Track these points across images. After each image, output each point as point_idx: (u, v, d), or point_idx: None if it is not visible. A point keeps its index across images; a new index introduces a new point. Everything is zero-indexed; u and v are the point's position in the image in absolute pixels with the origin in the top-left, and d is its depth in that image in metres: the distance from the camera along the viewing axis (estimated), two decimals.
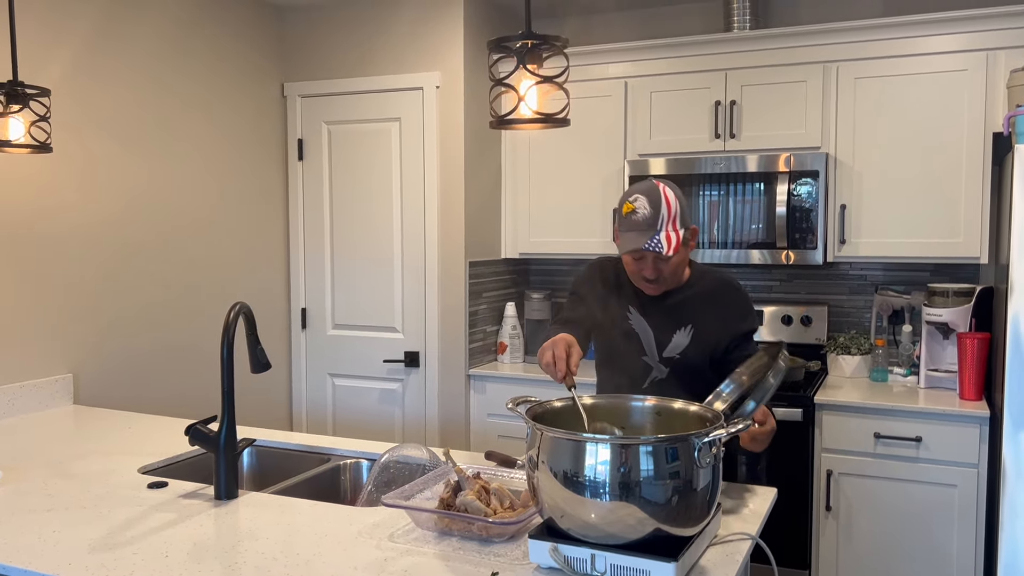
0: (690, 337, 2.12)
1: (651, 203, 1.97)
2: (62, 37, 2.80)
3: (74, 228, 2.87)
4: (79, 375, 2.89)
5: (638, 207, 1.97)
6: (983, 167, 2.99)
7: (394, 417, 3.72)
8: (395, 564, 1.49)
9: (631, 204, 1.99)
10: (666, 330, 2.13)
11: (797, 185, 3.17)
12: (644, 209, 1.97)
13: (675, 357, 2.12)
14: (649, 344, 2.14)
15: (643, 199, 1.98)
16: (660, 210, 1.96)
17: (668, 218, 1.96)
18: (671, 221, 1.97)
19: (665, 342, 2.13)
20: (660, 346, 2.13)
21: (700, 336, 2.12)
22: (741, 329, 2.15)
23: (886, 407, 2.91)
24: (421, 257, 3.61)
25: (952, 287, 3.06)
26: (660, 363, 2.14)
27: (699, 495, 1.40)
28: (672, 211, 1.97)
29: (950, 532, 2.87)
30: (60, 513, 1.75)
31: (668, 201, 1.97)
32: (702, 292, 2.15)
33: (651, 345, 2.14)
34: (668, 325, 2.13)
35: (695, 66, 3.36)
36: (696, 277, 2.17)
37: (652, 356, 2.15)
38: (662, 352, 2.13)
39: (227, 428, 1.86)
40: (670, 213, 1.97)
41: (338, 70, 3.70)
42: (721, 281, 2.18)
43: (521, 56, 1.49)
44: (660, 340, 2.13)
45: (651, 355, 2.15)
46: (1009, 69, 2.90)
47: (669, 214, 1.96)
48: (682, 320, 2.13)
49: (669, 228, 1.96)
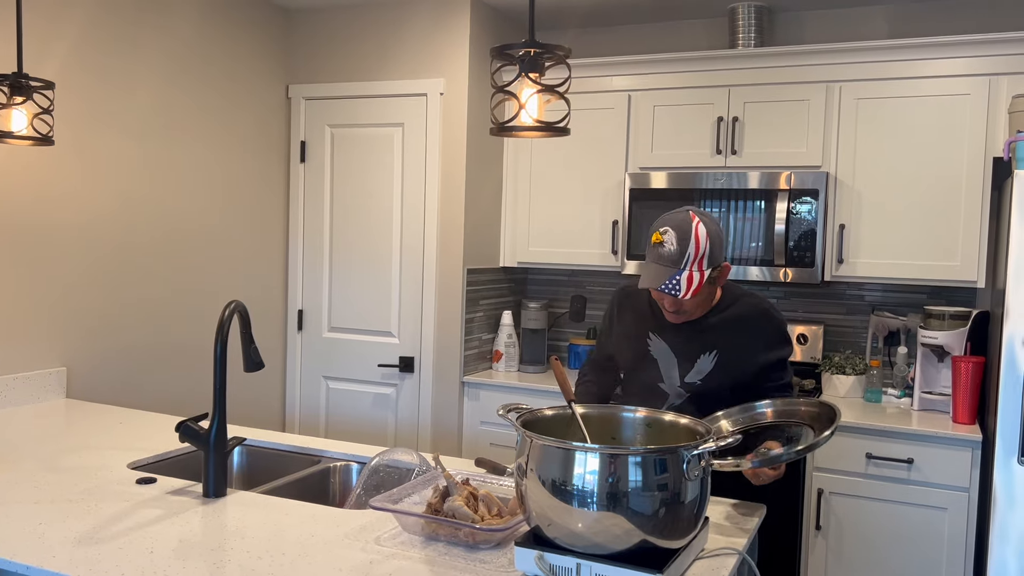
0: (714, 362, 2.07)
1: (679, 239, 1.90)
2: (67, 32, 2.81)
3: (73, 222, 2.87)
4: (73, 369, 2.89)
5: (666, 240, 1.91)
6: (983, 191, 3.00)
7: (387, 422, 3.72)
8: (380, 567, 1.49)
9: (660, 236, 1.92)
10: (690, 354, 2.08)
11: (797, 203, 3.18)
12: (671, 245, 1.90)
13: (696, 383, 2.08)
14: (669, 370, 2.10)
15: (672, 234, 1.91)
16: (687, 249, 1.89)
17: (694, 258, 1.90)
18: (697, 261, 1.90)
19: (689, 367, 2.08)
20: (683, 371, 2.09)
21: (724, 362, 2.07)
22: (770, 359, 2.09)
23: (879, 428, 2.90)
24: (419, 263, 3.62)
25: (948, 310, 3.07)
26: (680, 388, 2.09)
27: (686, 508, 1.40)
28: (700, 251, 1.90)
29: (939, 555, 2.86)
30: (47, 506, 1.75)
31: (698, 240, 1.90)
32: (732, 317, 2.09)
33: (671, 370, 2.10)
34: (693, 349, 2.08)
35: (698, 81, 3.37)
36: (728, 300, 2.11)
37: (671, 382, 2.10)
38: (684, 377, 2.09)
39: (217, 426, 1.86)
40: (697, 253, 1.90)
41: (343, 74, 3.72)
42: (753, 307, 2.11)
43: (523, 64, 1.50)
44: (683, 364, 2.09)
45: (668, 381, 2.11)
46: (1011, 95, 2.91)
47: (696, 254, 1.90)
48: (707, 345, 2.07)
49: (693, 268, 1.90)
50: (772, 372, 2.11)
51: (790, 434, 1.93)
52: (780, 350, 2.12)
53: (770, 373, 2.10)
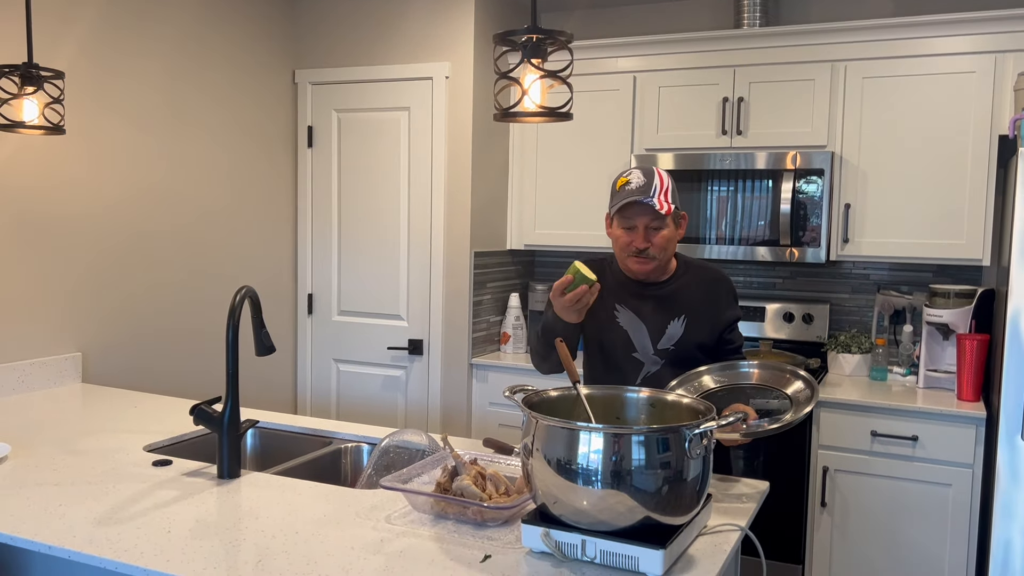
0: (684, 327, 2.15)
1: (644, 174, 2.05)
2: (76, 21, 2.84)
3: (85, 209, 2.91)
4: (88, 354, 2.93)
5: (632, 178, 2.06)
6: (988, 169, 3.00)
7: (397, 403, 3.76)
8: (391, 545, 1.53)
9: (625, 177, 2.07)
10: (660, 322, 2.16)
11: (802, 183, 3.18)
12: (638, 179, 2.05)
13: (670, 348, 2.15)
14: (641, 339, 2.16)
15: (637, 172, 2.07)
16: (653, 180, 2.04)
17: (661, 188, 2.03)
18: (663, 192, 2.03)
19: (659, 334, 2.15)
20: (654, 338, 2.16)
21: (693, 325, 2.15)
22: (730, 317, 2.21)
23: (884, 406, 2.93)
24: (427, 246, 3.64)
25: (953, 288, 3.08)
26: (654, 355, 2.16)
27: (689, 485, 1.43)
28: (664, 184, 2.05)
29: (943, 531, 2.89)
30: (66, 488, 1.80)
31: (660, 175, 2.06)
32: (692, 281, 2.19)
33: (643, 340, 2.16)
34: (662, 317, 2.16)
35: (704, 62, 3.37)
36: (682, 268, 2.22)
37: (644, 351, 2.17)
38: (656, 344, 2.16)
39: (231, 410, 1.90)
40: (663, 185, 2.04)
41: (349, 58, 3.73)
42: (708, 269, 2.24)
43: (526, 50, 1.52)
44: (654, 333, 2.16)
45: (642, 350, 2.17)
46: (1016, 72, 2.90)
47: (662, 186, 2.04)
48: (675, 311, 2.16)
49: (661, 196, 2.02)
50: (728, 333, 2.20)
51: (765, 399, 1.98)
52: (735, 309, 2.24)
53: (725, 335, 2.20)
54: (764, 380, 2.04)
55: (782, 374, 2.03)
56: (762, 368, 2.07)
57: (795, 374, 2.02)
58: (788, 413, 1.91)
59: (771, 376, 2.04)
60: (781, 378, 2.02)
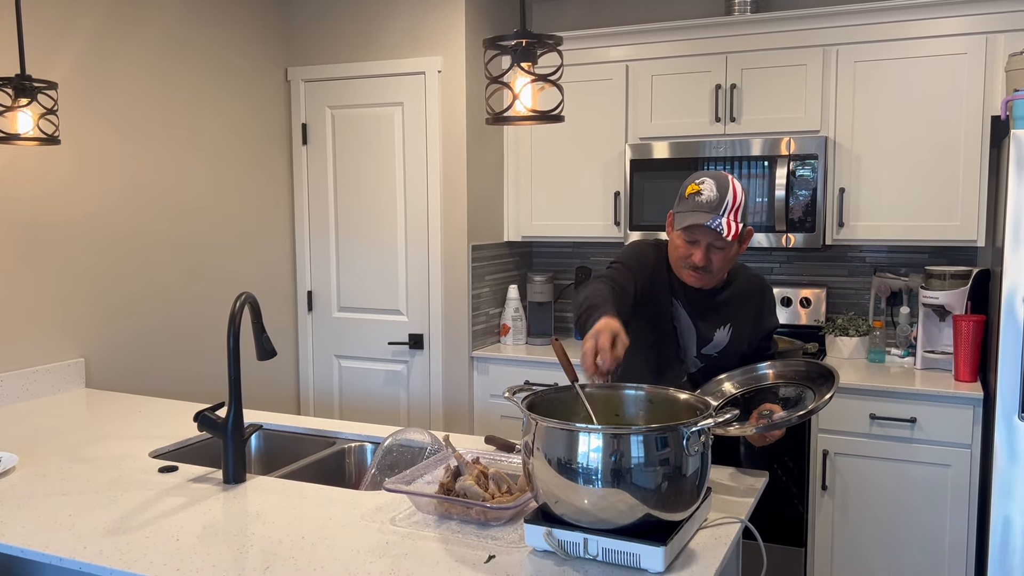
0: (729, 336, 2.12)
1: (719, 187, 1.92)
2: (67, 29, 2.84)
3: (83, 216, 2.92)
4: (90, 359, 2.95)
5: (704, 188, 1.93)
6: (981, 151, 3.00)
7: (399, 398, 3.79)
8: (396, 547, 1.55)
9: (696, 185, 1.94)
10: (709, 328, 2.12)
11: (797, 168, 3.19)
12: (710, 191, 1.92)
13: (713, 355, 2.13)
14: (686, 339, 2.12)
15: (711, 182, 1.93)
16: (726, 196, 1.91)
17: (732, 207, 1.91)
18: (734, 210, 1.92)
19: (707, 340, 2.12)
20: (701, 344, 2.12)
21: (737, 334, 2.13)
22: (769, 327, 2.19)
23: (882, 388, 2.95)
24: (424, 240, 3.66)
25: (949, 270, 3.09)
26: (696, 358, 2.13)
27: (688, 481, 1.45)
28: (737, 200, 1.92)
29: (943, 511, 2.92)
30: (75, 497, 1.82)
31: (735, 190, 1.93)
32: (741, 290, 2.15)
33: (689, 340, 2.12)
34: (711, 323, 2.11)
35: (696, 49, 3.37)
36: (733, 274, 2.15)
37: (688, 352, 2.13)
38: (701, 349, 2.12)
39: (234, 415, 1.92)
40: (735, 202, 1.92)
41: (340, 55, 3.73)
42: (755, 277, 2.19)
43: (516, 55, 1.53)
44: (702, 338, 2.12)
45: (686, 351, 2.13)
46: (1008, 53, 2.90)
47: (734, 202, 1.92)
48: (724, 319, 2.12)
49: (731, 216, 1.91)
50: (764, 342, 2.20)
51: (787, 394, 1.99)
52: (774, 319, 2.22)
53: (762, 343, 2.19)
54: (783, 376, 2.04)
55: (797, 367, 2.04)
56: (777, 366, 2.07)
57: (809, 364, 2.02)
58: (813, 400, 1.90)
59: (788, 371, 2.05)
60: (797, 371, 2.03)
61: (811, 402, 1.89)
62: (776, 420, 1.88)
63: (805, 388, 1.98)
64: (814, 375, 1.98)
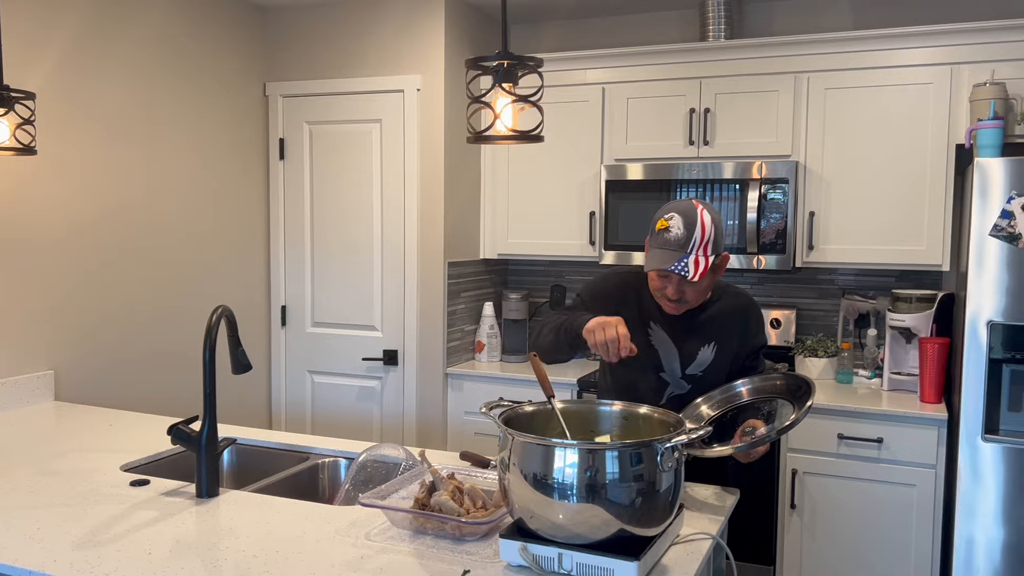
0: (714, 354, 2.14)
1: (686, 224, 1.94)
2: (46, 43, 2.83)
3: (57, 228, 2.90)
4: (60, 372, 2.92)
5: (672, 225, 1.95)
6: (946, 178, 3.09)
7: (372, 414, 3.78)
8: (371, 562, 1.55)
9: (666, 221, 1.97)
10: (692, 348, 2.14)
11: (768, 192, 3.26)
12: (678, 229, 1.94)
13: (698, 375, 2.15)
14: (670, 362, 2.14)
15: (679, 218, 1.95)
16: (694, 233, 1.93)
17: (700, 243, 1.94)
18: (703, 246, 1.94)
19: (690, 359, 2.14)
20: (684, 363, 2.14)
21: (722, 352, 2.15)
22: (755, 345, 2.21)
23: (850, 409, 3.01)
24: (400, 256, 3.67)
25: (915, 293, 3.16)
26: (681, 379, 2.15)
27: (661, 497, 1.47)
28: (706, 236, 1.94)
29: (908, 530, 2.97)
30: (44, 511, 1.80)
31: (703, 225, 1.94)
32: (725, 309, 2.17)
33: (672, 362, 2.14)
34: (695, 342, 2.14)
35: (671, 74, 3.44)
36: (718, 293, 2.18)
37: (672, 373, 2.15)
38: (685, 369, 2.14)
39: (208, 429, 1.91)
40: (703, 238, 1.94)
41: (319, 71, 3.75)
42: (741, 296, 2.21)
43: (497, 76, 1.56)
44: (685, 357, 2.14)
45: (670, 371, 2.15)
46: (972, 83, 3.00)
47: (702, 238, 1.94)
48: (707, 337, 2.14)
49: (699, 253, 1.93)
50: (750, 361, 2.22)
51: (769, 409, 2.02)
52: (762, 337, 2.24)
53: (748, 362, 2.21)
54: (759, 391, 2.07)
55: (772, 381, 2.08)
56: (753, 382, 2.10)
57: (784, 376, 2.06)
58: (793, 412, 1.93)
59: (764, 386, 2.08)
60: (773, 385, 2.07)
61: (791, 414, 1.93)
62: (758, 436, 1.90)
63: (783, 401, 2.01)
64: (792, 387, 2.02)
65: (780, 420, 1.94)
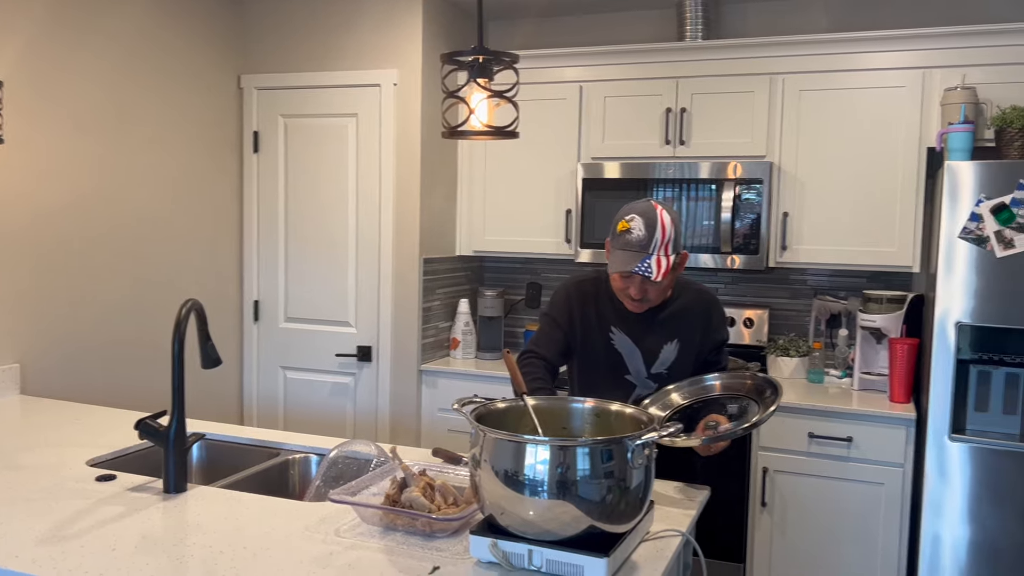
0: (677, 351, 2.17)
1: (647, 225, 1.99)
2: (14, 30, 2.77)
3: (24, 218, 2.84)
4: (26, 365, 2.87)
5: (633, 227, 2.00)
6: (917, 180, 3.12)
7: (345, 411, 3.76)
8: (340, 558, 1.54)
9: (627, 223, 2.01)
10: (654, 346, 2.17)
11: (742, 192, 3.28)
12: (639, 231, 1.99)
13: (663, 373, 2.17)
14: (634, 362, 2.18)
15: (639, 220, 2.00)
16: (655, 234, 1.99)
17: (661, 243, 1.99)
18: (663, 246, 1.99)
19: (653, 358, 2.17)
20: (648, 362, 2.17)
21: (685, 349, 2.18)
22: (716, 340, 2.24)
23: (820, 408, 3.03)
24: (376, 252, 3.65)
25: (886, 294, 3.20)
26: (647, 379, 2.18)
27: (632, 493, 1.47)
28: (666, 236, 2.00)
29: (876, 527, 3.01)
30: (6, 506, 1.77)
31: (663, 226, 2.00)
32: (686, 306, 2.20)
33: (636, 363, 2.18)
34: (656, 341, 2.17)
35: (648, 73, 3.45)
36: (678, 290, 2.21)
37: (637, 374, 2.18)
38: (650, 368, 2.17)
39: (177, 424, 1.89)
40: (663, 238, 1.99)
41: (295, 64, 3.71)
42: (703, 292, 2.25)
43: (473, 71, 1.55)
44: (648, 356, 2.17)
45: (635, 373, 2.18)
46: (943, 87, 3.03)
47: (663, 239, 1.99)
48: (669, 335, 2.17)
49: (660, 253, 1.99)
50: (712, 356, 2.25)
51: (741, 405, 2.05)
52: (722, 332, 2.27)
53: (710, 357, 2.24)
54: (729, 388, 2.10)
55: (743, 380, 2.10)
56: (724, 378, 2.14)
57: (754, 377, 2.09)
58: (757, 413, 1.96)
59: (734, 383, 2.11)
60: (743, 384, 2.10)
61: (756, 415, 1.96)
62: (721, 432, 1.93)
63: (751, 401, 2.04)
64: (760, 387, 2.05)
65: (745, 418, 1.97)
